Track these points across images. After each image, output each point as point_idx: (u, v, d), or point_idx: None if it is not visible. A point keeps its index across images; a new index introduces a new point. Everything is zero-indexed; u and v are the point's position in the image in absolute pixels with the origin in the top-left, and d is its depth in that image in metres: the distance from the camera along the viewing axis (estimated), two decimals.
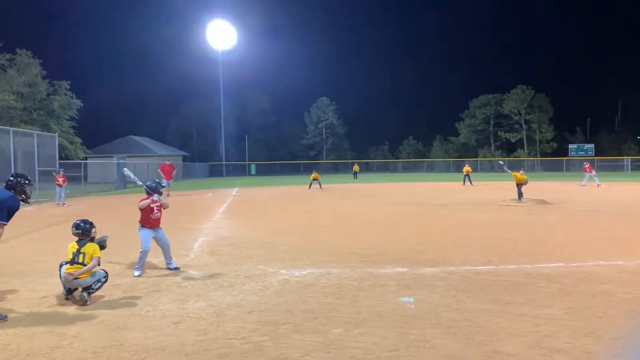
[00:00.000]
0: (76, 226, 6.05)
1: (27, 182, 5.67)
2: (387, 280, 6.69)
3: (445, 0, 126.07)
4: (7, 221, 5.31)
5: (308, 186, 31.78)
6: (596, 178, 29.31)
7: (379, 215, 15.22)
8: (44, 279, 6.93)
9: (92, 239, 6.08)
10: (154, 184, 7.56)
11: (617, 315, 5.10)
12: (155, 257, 8.55)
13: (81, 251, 5.86)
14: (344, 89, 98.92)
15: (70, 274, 5.72)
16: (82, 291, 5.77)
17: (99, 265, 5.96)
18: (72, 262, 5.81)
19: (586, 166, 30.36)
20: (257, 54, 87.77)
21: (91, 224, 6.11)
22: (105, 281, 6.04)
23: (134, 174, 8.37)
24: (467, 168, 33.56)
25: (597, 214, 14.50)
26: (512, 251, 8.73)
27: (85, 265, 5.79)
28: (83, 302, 5.64)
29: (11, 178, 5.62)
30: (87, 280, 5.80)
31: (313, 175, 31.93)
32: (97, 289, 5.88)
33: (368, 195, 24.69)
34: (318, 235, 11.08)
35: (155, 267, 7.70)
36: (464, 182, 32.48)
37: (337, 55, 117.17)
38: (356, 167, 51.68)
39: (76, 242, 5.99)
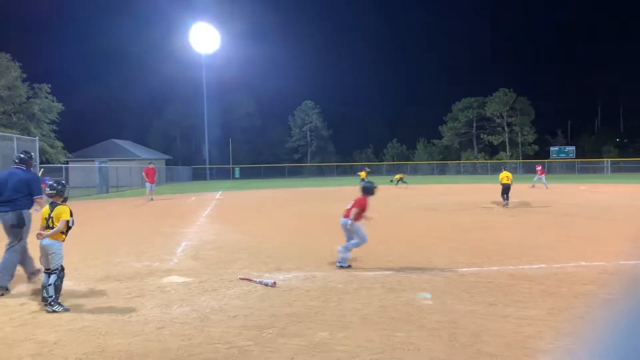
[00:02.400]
0: (50, 186, 5.96)
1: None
2: (371, 282, 6.70)
3: (429, 5, 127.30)
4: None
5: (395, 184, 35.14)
6: (544, 181, 30.34)
7: None
8: (24, 284, 6.80)
9: (64, 200, 5.99)
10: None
11: (599, 315, 5.17)
12: (140, 261, 8.47)
13: (51, 215, 5.78)
14: (328, 92, 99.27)
15: (40, 233, 5.69)
16: (44, 305, 5.59)
17: (70, 226, 5.86)
18: (47, 227, 5.77)
19: (538, 169, 31.32)
20: (241, 57, 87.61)
21: (64, 184, 6.04)
22: (60, 278, 5.71)
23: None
24: (398, 175, 37.43)
25: (579, 216, 14.69)
26: (495, 253, 8.80)
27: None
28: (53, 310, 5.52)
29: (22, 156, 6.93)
30: (49, 244, 5.65)
31: (397, 176, 36.24)
32: (55, 294, 5.57)
33: (349, 198, 24.68)
34: (303, 239, 11.06)
35: (137, 272, 7.61)
36: (397, 184, 35.58)
37: (322, 59, 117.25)
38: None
39: (49, 205, 5.90)
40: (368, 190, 8.17)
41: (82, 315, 5.40)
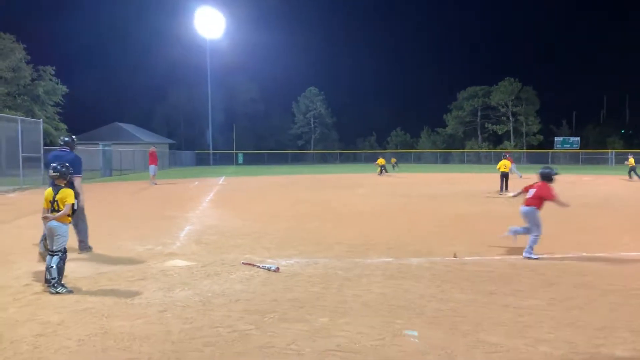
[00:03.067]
0: (53, 169, 5.96)
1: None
2: (373, 269, 6.73)
3: None
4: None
5: (378, 172, 34.49)
6: (514, 171, 29.17)
7: (365, 206, 15.26)
8: (27, 266, 6.86)
9: (68, 183, 6.02)
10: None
11: (599, 306, 5.19)
12: (143, 245, 8.52)
13: (56, 198, 5.79)
14: (333, 79, 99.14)
15: (46, 216, 5.74)
16: (47, 287, 5.63)
17: (75, 209, 5.90)
18: (52, 210, 5.80)
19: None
20: (245, 42, 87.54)
21: (67, 167, 6.05)
22: (62, 260, 5.72)
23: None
24: (380, 160, 36.07)
25: (582, 207, 14.66)
26: (497, 242, 8.80)
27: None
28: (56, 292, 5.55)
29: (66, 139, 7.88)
30: (56, 226, 5.68)
31: (380, 160, 35.17)
32: (57, 276, 5.58)
33: (355, 186, 24.73)
34: (305, 225, 11.09)
35: (140, 255, 7.65)
36: (381, 173, 34.81)
37: (326, 45, 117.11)
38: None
39: (52, 188, 5.91)
40: (547, 176, 7.98)
41: (85, 297, 5.45)
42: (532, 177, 30.36)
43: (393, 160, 48.06)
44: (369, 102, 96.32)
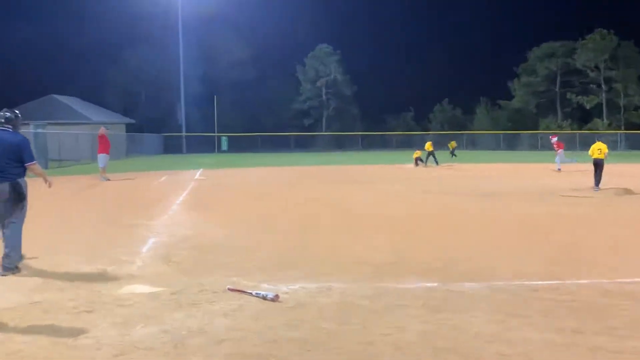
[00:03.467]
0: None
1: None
2: (409, 299, 6.72)
3: None
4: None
5: (415, 164, 34.56)
6: (560, 158, 29.13)
7: (396, 208, 15.24)
8: None
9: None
10: None
11: None
12: (90, 263, 8.57)
13: None
14: (353, 34, 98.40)
15: None
16: None
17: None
18: None
19: (554, 141, 30.53)
20: None
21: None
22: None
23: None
24: (428, 145, 36.03)
25: None
26: (583, 260, 8.76)
27: None
28: None
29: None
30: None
31: (427, 145, 35.36)
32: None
33: (380, 181, 24.70)
34: (313, 236, 11.10)
35: (87, 277, 7.70)
36: (426, 163, 34.82)
37: None
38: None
39: None
40: None
41: (12, 336, 5.47)
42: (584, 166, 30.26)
43: (453, 144, 47.53)
44: (403, 66, 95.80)
